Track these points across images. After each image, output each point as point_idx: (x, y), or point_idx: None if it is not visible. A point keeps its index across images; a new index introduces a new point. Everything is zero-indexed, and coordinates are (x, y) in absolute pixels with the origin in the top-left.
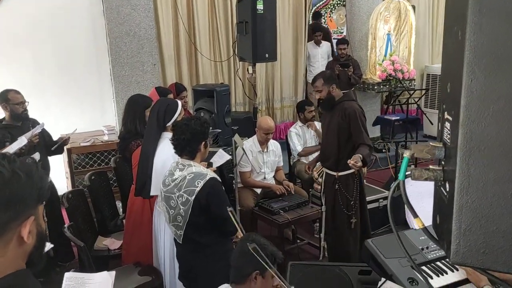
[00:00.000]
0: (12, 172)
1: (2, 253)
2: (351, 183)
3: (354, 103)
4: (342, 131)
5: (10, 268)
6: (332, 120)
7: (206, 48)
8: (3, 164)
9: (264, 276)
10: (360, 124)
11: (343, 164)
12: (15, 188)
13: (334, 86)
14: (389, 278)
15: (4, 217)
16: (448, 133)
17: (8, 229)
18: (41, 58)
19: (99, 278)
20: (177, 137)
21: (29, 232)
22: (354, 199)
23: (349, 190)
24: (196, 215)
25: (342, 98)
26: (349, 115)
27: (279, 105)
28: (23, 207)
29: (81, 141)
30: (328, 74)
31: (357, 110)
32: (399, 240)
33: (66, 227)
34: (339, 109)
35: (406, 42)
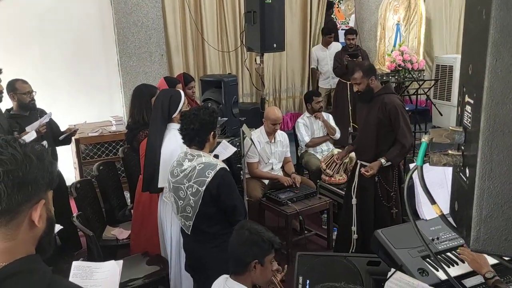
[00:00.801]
0: (24, 155)
1: (13, 236)
2: (391, 175)
3: (394, 97)
4: (381, 125)
5: (21, 253)
6: (371, 113)
7: (213, 39)
8: (15, 147)
9: (263, 264)
10: (401, 119)
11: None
12: (27, 170)
13: (373, 78)
14: (399, 268)
15: (16, 199)
16: (469, 116)
17: (20, 211)
18: (49, 49)
19: (107, 267)
20: (186, 127)
21: (39, 216)
22: (394, 190)
23: (388, 182)
24: (206, 206)
25: (381, 90)
26: (390, 111)
27: (285, 95)
28: (34, 190)
29: (89, 131)
30: (367, 66)
31: (398, 105)
32: (416, 227)
33: (74, 216)
34: (378, 102)
35: (416, 32)
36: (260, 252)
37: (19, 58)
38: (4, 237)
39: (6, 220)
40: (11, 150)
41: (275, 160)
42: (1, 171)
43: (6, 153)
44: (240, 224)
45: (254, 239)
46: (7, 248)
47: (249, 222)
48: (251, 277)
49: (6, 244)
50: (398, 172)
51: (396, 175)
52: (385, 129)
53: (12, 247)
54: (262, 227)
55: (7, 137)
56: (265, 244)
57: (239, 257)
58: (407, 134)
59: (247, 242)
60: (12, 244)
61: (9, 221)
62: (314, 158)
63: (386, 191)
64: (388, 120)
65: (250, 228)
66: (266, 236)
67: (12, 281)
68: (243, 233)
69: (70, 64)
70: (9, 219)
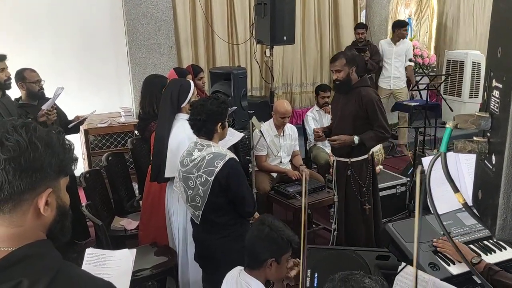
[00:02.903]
0: (28, 142)
1: (21, 223)
2: (364, 169)
3: (371, 90)
4: (358, 117)
5: (29, 239)
6: (347, 105)
7: (223, 31)
8: (20, 133)
9: (280, 262)
10: (378, 112)
11: (356, 150)
12: (31, 157)
13: (354, 68)
14: (410, 262)
15: (19, 187)
16: (497, 101)
17: (24, 199)
18: (58, 39)
19: (120, 255)
20: (193, 118)
21: (46, 204)
22: (367, 186)
23: (362, 176)
24: (215, 196)
25: (359, 83)
26: (367, 104)
27: (299, 90)
28: (39, 178)
29: (98, 122)
30: (351, 55)
31: (374, 98)
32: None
33: (84, 205)
34: (355, 94)
35: (427, 27)
36: (278, 250)
37: (29, 48)
38: (10, 223)
39: (9, 207)
40: (16, 137)
41: (284, 154)
42: (3, 158)
43: (11, 139)
44: (261, 218)
45: (273, 236)
46: (15, 234)
47: (270, 217)
48: (265, 273)
49: (13, 230)
50: (372, 167)
51: (370, 171)
52: (361, 121)
53: (20, 233)
54: (282, 224)
55: (16, 122)
56: (284, 242)
57: (256, 252)
58: (385, 125)
59: (266, 239)
60: (20, 230)
61: (12, 209)
62: (322, 152)
63: (359, 186)
64: (364, 112)
65: (271, 224)
66: (286, 235)
67: (21, 266)
68: (263, 229)
69: (80, 55)
70: (12, 206)
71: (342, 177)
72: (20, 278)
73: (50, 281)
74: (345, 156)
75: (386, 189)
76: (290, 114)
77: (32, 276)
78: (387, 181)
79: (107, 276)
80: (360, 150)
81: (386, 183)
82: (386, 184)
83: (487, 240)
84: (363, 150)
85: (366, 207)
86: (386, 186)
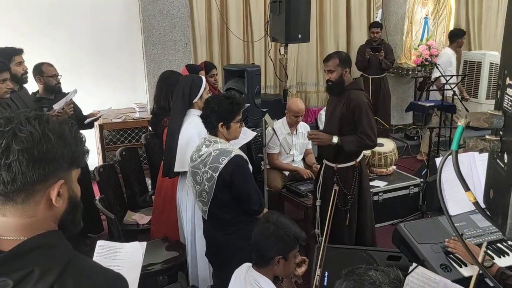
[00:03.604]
0: (41, 133)
1: (32, 213)
2: (350, 177)
3: (361, 94)
4: (345, 121)
5: (41, 229)
6: (337, 108)
7: (238, 28)
8: (33, 125)
9: (287, 259)
10: (364, 118)
11: (343, 156)
12: (44, 149)
13: (347, 69)
14: (421, 263)
15: (32, 178)
16: (510, 100)
17: (36, 190)
18: (75, 36)
19: (130, 248)
20: (203, 113)
21: (58, 196)
22: (351, 194)
23: (347, 184)
24: (220, 192)
25: (350, 85)
26: (354, 107)
27: (313, 89)
28: (52, 169)
29: (113, 117)
30: (344, 55)
31: (363, 102)
32: (449, 218)
33: (97, 199)
34: (345, 97)
35: (444, 27)
36: (284, 247)
37: (45, 43)
38: (22, 213)
39: (22, 198)
40: (30, 128)
41: (296, 152)
42: (16, 149)
43: (24, 131)
44: (266, 216)
45: (279, 234)
46: (27, 224)
47: (275, 214)
48: (273, 270)
49: (25, 220)
50: (358, 175)
51: (357, 179)
52: (348, 126)
53: (32, 223)
54: (288, 220)
55: (29, 114)
56: (290, 239)
57: (263, 251)
58: (368, 132)
59: (272, 237)
60: (32, 221)
61: (25, 199)
62: None
63: (343, 194)
64: (351, 117)
65: (276, 222)
66: (292, 232)
67: (32, 255)
68: (268, 227)
69: (96, 51)
70: (25, 197)
71: (328, 182)
72: (31, 267)
73: (61, 270)
74: (331, 160)
75: (399, 189)
76: (303, 112)
77: (43, 265)
78: (400, 181)
79: (117, 268)
80: (347, 156)
81: (399, 183)
82: (399, 185)
83: (500, 242)
84: (350, 156)
85: (347, 218)
86: (399, 187)
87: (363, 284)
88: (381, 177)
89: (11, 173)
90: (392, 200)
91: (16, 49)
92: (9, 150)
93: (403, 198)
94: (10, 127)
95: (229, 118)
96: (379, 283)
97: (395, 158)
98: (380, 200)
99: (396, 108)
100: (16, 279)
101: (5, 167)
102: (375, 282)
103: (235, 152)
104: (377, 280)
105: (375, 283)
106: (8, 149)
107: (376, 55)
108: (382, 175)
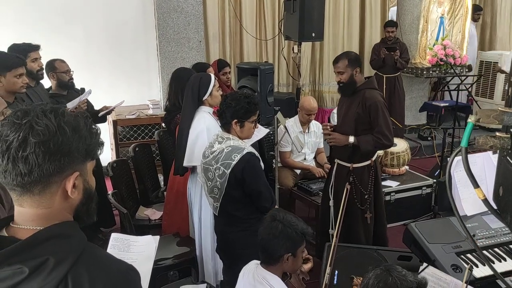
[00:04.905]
0: (57, 126)
1: (49, 204)
2: (366, 176)
3: (376, 93)
4: (360, 121)
5: (56, 220)
6: (351, 108)
7: (251, 26)
8: (49, 118)
9: (296, 255)
10: (380, 117)
11: (358, 155)
12: (60, 142)
13: (358, 70)
14: (432, 263)
15: (48, 170)
16: None
17: (52, 181)
18: (91, 32)
19: (144, 241)
20: (219, 108)
21: (73, 187)
22: (368, 193)
23: (363, 183)
24: (231, 188)
25: (364, 85)
26: (370, 106)
27: (327, 88)
28: (67, 162)
29: (127, 113)
30: (354, 56)
31: (379, 102)
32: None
33: (110, 193)
34: (359, 97)
35: (460, 26)
36: (293, 245)
37: (60, 40)
38: (39, 204)
39: (38, 189)
40: (46, 121)
41: (308, 151)
42: (33, 142)
43: (41, 124)
44: (271, 215)
45: (287, 232)
46: (43, 215)
47: (280, 212)
48: (282, 267)
49: (42, 211)
50: (374, 174)
51: (373, 177)
52: (363, 126)
53: (48, 214)
54: (293, 217)
55: (45, 107)
56: (298, 236)
57: (272, 250)
58: (385, 132)
59: (281, 236)
60: (48, 211)
61: (42, 191)
62: None
63: (360, 193)
64: (367, 117)
65: (282, 220)
66: (299, 228)
67: (47, 244)
68: (275, 225)
69: (110, 47)
70: (42, 188)
71: (342, 182)
72: (46, 256)
73: (75, 260)
74: (346, 160)
75: (411, 190)
76: (316, 111)
77: (58, 254)
78: (413, 182)
79: (130, 261)
80: (362, 155)
81: (411, 183)
82: (411, 185)
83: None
84: (366, 156)
85: (367, 216)
86: (411, 187)
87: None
88: (393, 177)
89: (28, 165)
90: (404, 200)
91: (32, 45)
92: (26, 143)
93: (415, 199)
94: (27, 120)
95: (244, 117)
96: (405, 273)
97: (408, 158)
98: (392, 200)
99: (410, 108)
100: (32, 267)
101: (22, 159)
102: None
103: (247, 149)
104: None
105: (401, 273)
106: (25, 141)
107: (391, 55)
108: (395, 175)
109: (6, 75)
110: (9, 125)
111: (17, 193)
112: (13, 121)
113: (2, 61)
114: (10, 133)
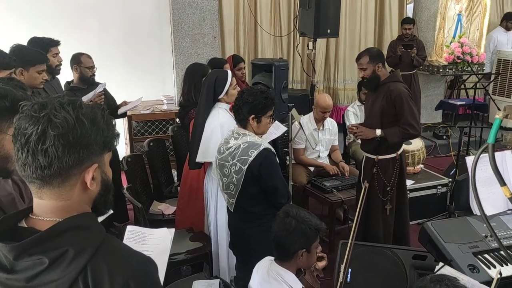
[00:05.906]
0: (76, 119)
1: (68, 196)
2: (391, 168)
3: (400, 85)
4: (386, 114)
5: (75, 211)
6: (376, 101)
7: (266, 22)
8: (67, 110)
9: (310, 251)
10: (405, 108)
11: (384, 148)
12: (78, 134)
13: (380, 65)
14: (448, 263)
15: (67, 162)
16: None
17: (72, 174)
18: (106, 27)
19: (159, 234)
20: (235, 104)
21: (92, 179)
22: (391, 185)
23: (387, 175)
24: (248, 185)
25: (388, 78)
26: (395, 99)
27: (342, 86)
28: (86, 154)
29: (141, 109)
30: (375, 52)
31: (403, 92)
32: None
33: (125, 188)
34: (383, 90)
35: (478, 24)
36: (307, 241)
37: (76, 35)
38: (58, 196)
39: (58, 182)
40: (64, 114)
41: (322, 148)
42: (52, 135)
43: (59, 116)
44: (284, 211)
45: (301, 228)
46: (62, 206)
47: (294, 208)
48: (296, 264)
49: (61, 203)
50: (399, 166)
51: (397, 169)
52: (389, 119)
53: (67, 206)
54: (307, 213)
55: (63, 100)
56: (312, 232)
57: (286, 246)
58: (411, 122)
59: (295, 232)
60: (67, 203)
61: (61, 183)
62: None
63: (383, 184)
64: (393, 109)
65: (296, 216)
66: (313, 224)
67: (67, 235)
68: (289, 222)
69: (126, 43)
70: (61, 181)
71: (368, 173)
72: (66, 247)
73: (94, 251)
74: (372, 152)
75: (426, 188)
76: (331, 108)
77: (77, 245)
78: (428, 180)
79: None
80: (388, 147)
81: (426, 182)
82: (426, 184)
83: None
84: (391, 148)
85: (387, 207)
86: (426, 186)
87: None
88: (408, 175)
89: (48, 158)
90: (419, 199)
91: (53, 40)
92: (45, 136)
93: (430, 198)
94: (45, 112)
95: (261, 112)
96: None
97: (423, 157)
98: None
99: (426, 106)
100: (52, 258)
101: (41, 152)
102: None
103: (264, 145)
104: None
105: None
106: (44, 134)
107: (408, 52)
108: (409, 173)
109: (30, 70)
110: (27, 118)
111: (37, 185)
112: (31, 114)
113: (28, 56)
114: (29, 126)
